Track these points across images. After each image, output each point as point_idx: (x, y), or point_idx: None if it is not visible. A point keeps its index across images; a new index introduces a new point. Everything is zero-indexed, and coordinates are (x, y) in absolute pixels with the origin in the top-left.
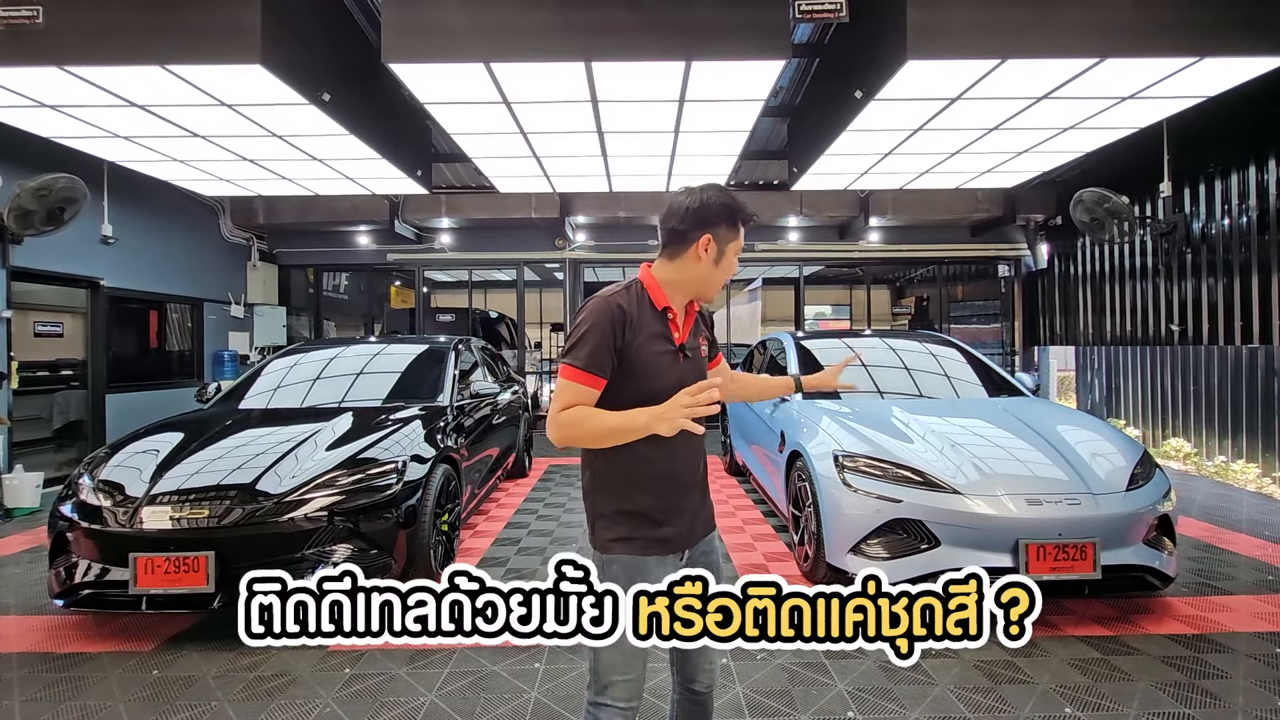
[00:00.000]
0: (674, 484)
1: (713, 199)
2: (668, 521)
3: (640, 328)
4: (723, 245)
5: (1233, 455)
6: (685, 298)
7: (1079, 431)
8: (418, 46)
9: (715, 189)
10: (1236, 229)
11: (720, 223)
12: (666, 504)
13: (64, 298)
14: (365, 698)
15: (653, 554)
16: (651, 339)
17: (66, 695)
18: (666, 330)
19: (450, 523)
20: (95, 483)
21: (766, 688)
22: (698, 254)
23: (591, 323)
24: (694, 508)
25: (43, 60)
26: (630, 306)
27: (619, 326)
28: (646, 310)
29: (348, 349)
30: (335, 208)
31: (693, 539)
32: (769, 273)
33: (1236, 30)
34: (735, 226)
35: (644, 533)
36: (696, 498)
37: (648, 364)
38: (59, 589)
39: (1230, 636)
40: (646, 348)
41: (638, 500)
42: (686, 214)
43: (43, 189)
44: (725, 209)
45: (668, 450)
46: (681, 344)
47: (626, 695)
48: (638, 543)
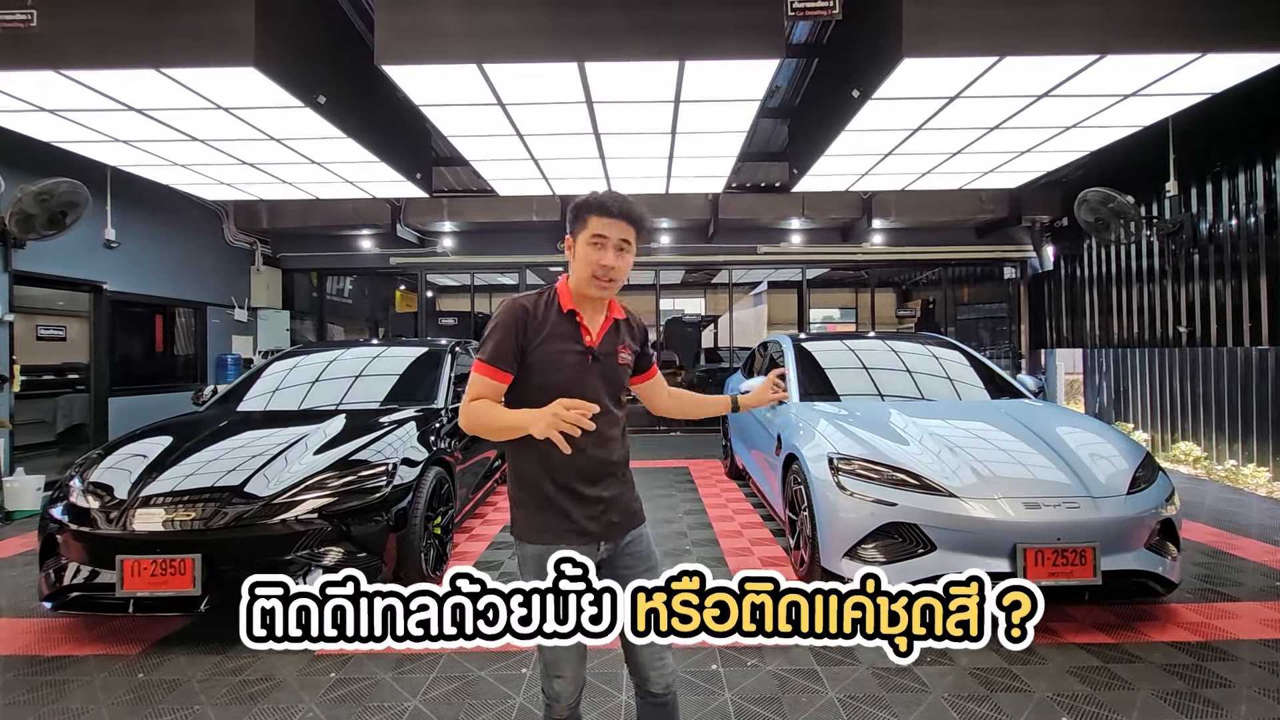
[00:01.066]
0: (579, 474)
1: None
2: (576, 511)
3: (543, 327)
4: (576, 236)
5: (1243, 459)
6: (594, 301)
7: (1080, 434)
8: (411, 48)
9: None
10: (1245, 229)
11: (573, 224)
12: (572, 494)
13: (67, 301)
14: (349, 702)
15: (562, 544)
16: (555, 339)
17: (50, 699)
18: (575, 332)
19: (443, 526)
20: (85, 485)
21: (755, 695)
22: (570, 254)
23: (498, 321)
24: (607, 499)
25: (38, 64)
26: (536, 308)
27: (521, 325)
28: (553, 312)
29: (346, 352)
30: (338, 212)
31: (611, 531)
32: (773, 276)
33: (1240, 26)
34: (580, 218)
35: (554, 523)
36: (610, 489)
37: (549, 361)
38: (48, 591)
39: (1235, 644)
40: (548, 346)
41: (544, 490)
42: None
43: (44, 193)
44: (572, 210)
45: (575, 439)
46: (591, 348)
47: (572, 670)
48: (549, 533)
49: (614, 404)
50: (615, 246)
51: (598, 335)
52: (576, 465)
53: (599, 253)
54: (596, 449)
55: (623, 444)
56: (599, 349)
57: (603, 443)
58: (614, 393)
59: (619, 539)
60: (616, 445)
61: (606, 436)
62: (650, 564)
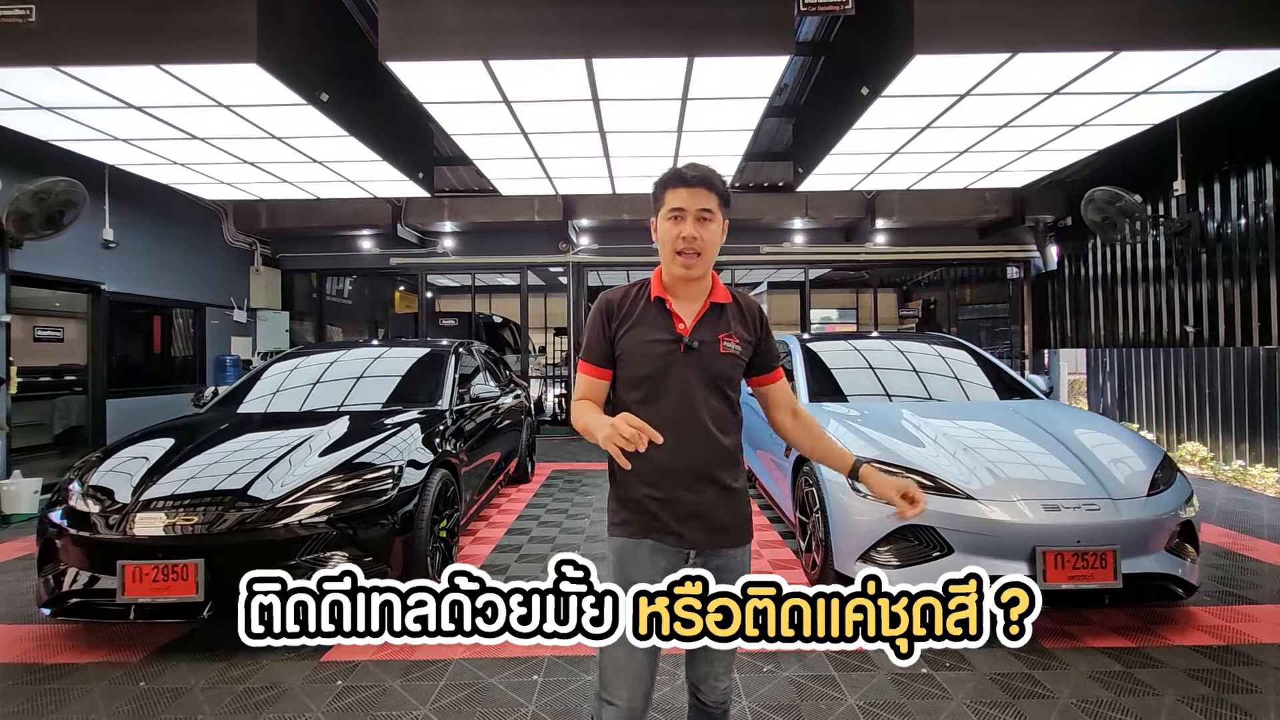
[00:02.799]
0: (669, 476)
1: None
2: (665, 513)
3: (628, 317)
4: (657, 217)
5: (1251, 459)
6: (688, 285)
7: (1096, 435)
8: (415, 44)
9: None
10: (1253, 228)
11: (654, 206)
12: (663, 495)
13: (65, 302)
14: (357, 710)
15: (647, 538)
16: (641, 327)
17: (49, 708)
18: (664, 320)
19: (448, 529)
20: (84, 488)
21: (774, 702)
22: (654, 236)
23: (590, 318)
24: (702, 505)
25: (36, 60)
26: (624, 298)
27: (606, 318)
28: (641, 301)
29: (347, 353)
30: (338, 212)
31: (703, 540)
32: (774, 276)
33: (1253, 22)
34: (657, 198)
35: (640, 520)
36: (706, 495)
37: (636, 353)
38: (47, 597)
39: (1258, 648)
40: (633, 336)
41: (634, 489)
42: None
43: (41, 192)
44: (652, 192)
45: (674, 436)
46: (683, 335)
47: (627, 694)
48: (633, 526)
49: (718, 399)
50: (695, 217)
51: (691, 322)
52: (666, 463)
53: (678, 225)
54: (688, 444)
55: (727, 448)
56: (692, 337)
57: (696, 448)
58: (715, 386)
59: (709, 552)
60: (716, 449)
61: (703, 439)
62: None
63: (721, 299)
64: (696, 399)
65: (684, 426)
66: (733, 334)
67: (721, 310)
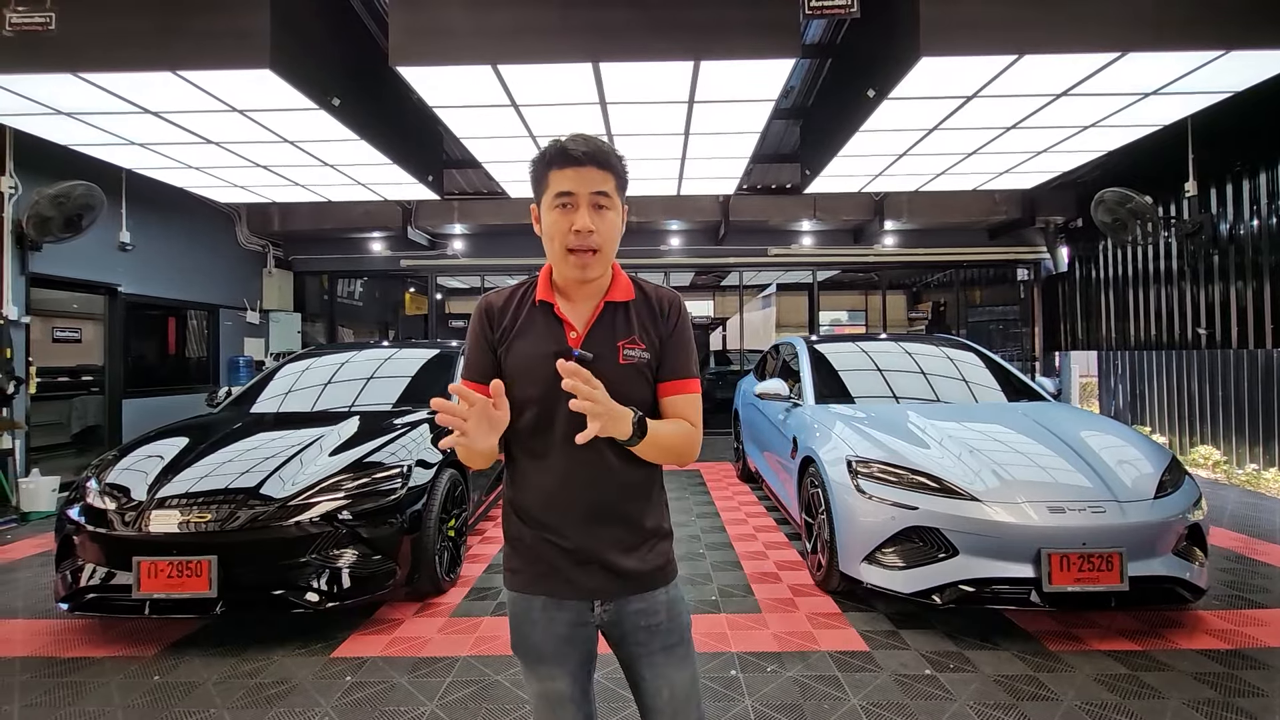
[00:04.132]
0: (564, 517)
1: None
2: (560, 560)
3: (510, 326)
4: (540, 204)
5: (1265, 463)
6: (580, 286)
7: (1103, 437)
8: (425, 49)
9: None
10: (1266, 229)
11: (535, 189)
12: (555, 539)
13: (82, 304)
14: (365, 706)
15: (540, 594)
16: (524, 338)
17: (66, 700)
18: (552, 328)
19: (457, 528)
20: (101, 486)
21: (777, 701)
22: (536, 227)
23: (469, 327)
24: (604, 549)
25: (56, 67)
26: (506, 302)
27: (485, 325)
28: (526, 306)
29: (359, 354)
30: (349, 214)
31: (613, 589)
32: (783, 278)
33: (1265, 21)
34: (539, 179)
35: (530, 569)
36: (608, 537)
37: (519, 368)
38: (64, 593)
39: (1267, 652)
40: (516, 349)
41: (526, 529)
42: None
43: (61, 196)
44: (530, 171)
45: (557, 468)
46: (573, 348)
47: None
48: (522, 576)
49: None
50: (589, 203)
51: (584, 328)
52: (565, 495)
53: (567, 215)
54: (586, 488)
55: (638, 480)
56: (585, 347)
57: (596, 481)
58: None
59: (619, 602)
60: (623, 482)
61: (605, 473)
62: (673, 640)
63: (622, 296)
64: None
65: (581, 456)
66: (635, 338)
67: (622, 310)
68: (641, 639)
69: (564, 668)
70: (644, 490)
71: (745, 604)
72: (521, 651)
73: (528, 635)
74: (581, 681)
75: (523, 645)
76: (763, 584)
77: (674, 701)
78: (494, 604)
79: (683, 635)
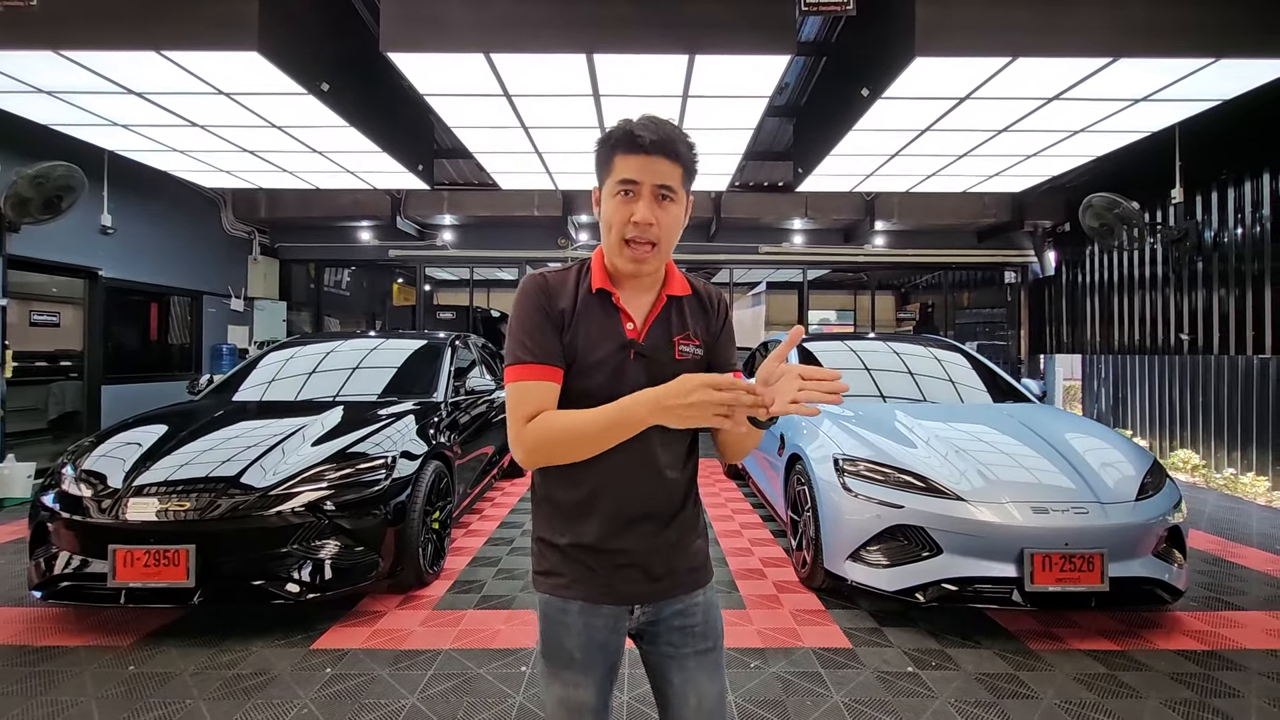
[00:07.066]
0: (616, 514)
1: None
2: (598, 563)
3: (568, 308)
4: (602, 187)
5: (1242, 468)
6: (637, 278)
7: (1087, 439)
8: (417, 36)
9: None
10: (1249, 237)
11: (599, 170)
12: (594, 543)
13: (61, 288)
14: (345, 699)
15: (576, 599)
16: (585, 326)
17: (38, 690)
18: (611, 320)
19: (441, 521)
20: (77, 473)
21: (759, 697)
22: (595, 210)
23: (521, 306)
24: (654, 549)
25: (37, 44)
26: (560, 283)
27: (546, 303)
28: (582, 290)
29: (344, 343)
30: (337, 203)
31: (645, 591)
32: (773, 276)
33: (1254, 31)
34: (604, 162)
35: (570, 570)
36: (660, 536)
37: (582, 360)
38: (38, 580)
39: (1242, 654)
40: (580, 337)
41: (566, 531)
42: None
43: (40, 176)
44: (596, 151)
45: (610, 469)
46: (633, 340)
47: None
48: (556, 580)
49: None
50: (652, 194)
51: (643, 322)
52: (615, 496)
53: (629, 205)
54: (641, 471)
55: (679, 482)
56: (644, 343)
57: (643, 484)
58: None
59: (659, 603)
60: (668, 486)
61: (653, 476)
62: (707, 644)
63: (679, 290)
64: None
65: (629, 459)
66: (691, 334)
67: (677, 305)
68: (675, 640)
69: (590, 675)
70: (686, 490)
71: (730, 600)
72: (551, 656)
73: (560, 640)
74: (605, 692)
75: (553, 650)
76: (747, 580)
77: (700, 713)
78: (477, 597)
79: (717, 641)
